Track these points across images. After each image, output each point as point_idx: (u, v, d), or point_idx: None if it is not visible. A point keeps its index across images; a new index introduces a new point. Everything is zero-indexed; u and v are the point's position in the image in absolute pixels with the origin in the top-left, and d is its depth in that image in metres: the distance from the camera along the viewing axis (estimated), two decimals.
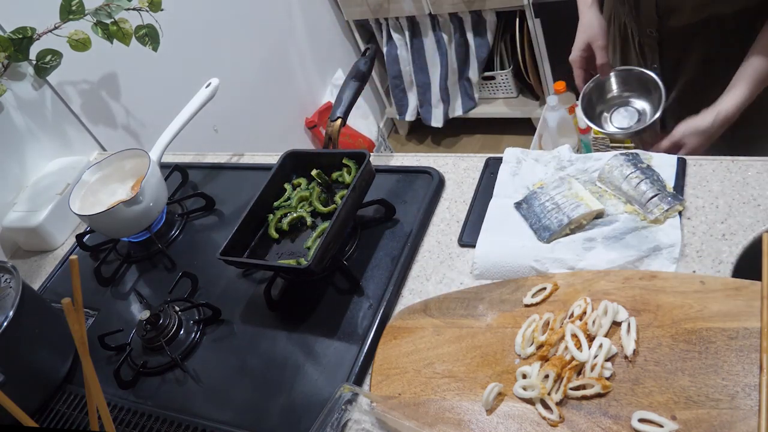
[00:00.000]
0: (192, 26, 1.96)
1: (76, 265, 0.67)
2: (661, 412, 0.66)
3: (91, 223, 1.22)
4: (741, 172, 0.90)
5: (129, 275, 1.22)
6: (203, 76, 1.38)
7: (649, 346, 0.72)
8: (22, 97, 1.45)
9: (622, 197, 0.92)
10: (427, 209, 1.05)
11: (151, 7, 1.44)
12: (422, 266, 0.99)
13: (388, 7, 2.51)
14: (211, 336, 1.03)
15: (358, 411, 0.81)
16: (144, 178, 1.18)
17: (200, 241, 1.23)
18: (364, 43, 2.77)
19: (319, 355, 0.93)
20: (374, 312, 0.94)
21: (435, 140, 2.95)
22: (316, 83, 2.60)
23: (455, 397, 0.78)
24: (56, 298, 1.21)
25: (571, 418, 0.70)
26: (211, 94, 1.32)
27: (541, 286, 0.84)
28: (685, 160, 0.94)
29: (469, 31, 2.49)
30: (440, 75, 2.63)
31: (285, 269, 1.00)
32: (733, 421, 0.63)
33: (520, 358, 0.78)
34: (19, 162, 1.45)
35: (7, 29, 1.38)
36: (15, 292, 0.99)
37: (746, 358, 0.66)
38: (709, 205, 0.88)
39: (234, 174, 1.35)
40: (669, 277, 0.78)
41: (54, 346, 1.06)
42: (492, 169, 1.07)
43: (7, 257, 1.42)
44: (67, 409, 1.02)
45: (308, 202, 1.09)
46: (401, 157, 1.20)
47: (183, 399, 0.96)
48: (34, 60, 1.41)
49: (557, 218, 0.91)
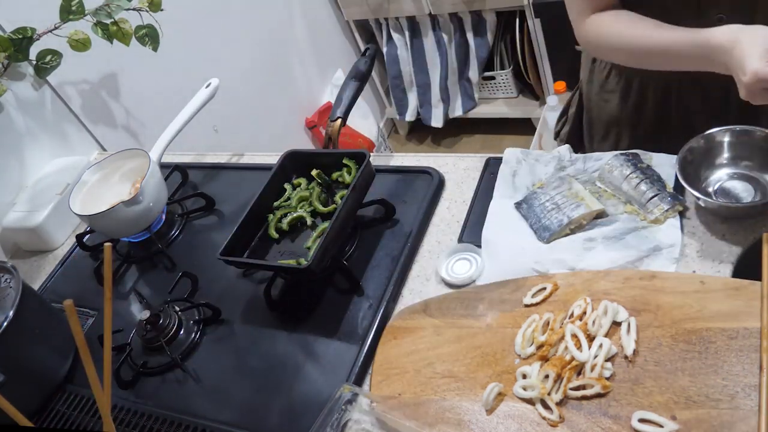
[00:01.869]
0: (192, 26, 1.95)
1: (73, 311, 0.66)
2: (661, 412, 0.66)
3: (91, 223, 1.22)
4: None
5: (129, 275, 1.22)
6: (203, 76, 1.38)
7: (649, 346, 0.72)
8: (22, 97, 1.44)
9: (622, 197, 0.92)
10: (427, 209, 1.05)
11: (151, 7, 1.44)
12: (422, 266, 0.99)
13: (388, 7, 2.51)
14: (211, 336, 1.03)
15: (358, 411, 0.81)
16: (144, 178, 1.18)
17: (200, 241, 1.23)
18: (364, 43, 2.77)
19: (319, 355, 0.93)
20: (374, 312, 0.94)
21: (435, 140, 2.95)
22: (316, 83, 2.60)
23: (455, 397, 0.78)
24: (56, 298, 1.21)
25: (571, 418, 0.70)
26: (211, 94, 1.32)
27: (541, 286, 0.84)
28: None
29: (469, 31, 2.49)
30: (440, 75, 2.63)
31: (285, 269, 1.00)
32: (733, 421, 0.63)
33: (520, 358, 0.78)
34: (19, 162, 1.45)
35: (7, 29, 1.37)
36: (15, 292, 0.99)
37: (746, 358, 0.66)
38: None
39: (234, 174, 1.35)
40: (669, 277, 0.78)
41: (54, 346, 1.05)
42: (492, 169, 1.07)
43: (7, 257, 1.42)
44: (67, 409, 1.02)
45: (308, 202, 1.09)
46: (401, 157, 1.20)
47: (183, 399, 0.96)
48: (34, 60, 1.41)
49: (557, 218, 0.91)
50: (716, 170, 0.90)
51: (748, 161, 0.88)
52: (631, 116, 1.08)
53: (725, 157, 0.89)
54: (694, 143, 0.88)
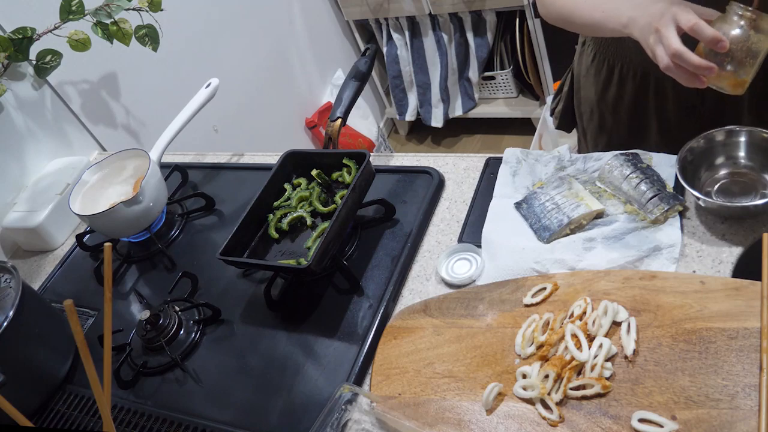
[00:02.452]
0: (192, 26, 1.96)
1: (73, 311, 0.66)
2: (661, 412, 0.66)
3: (91, 223, 1.22)
4: None
5: (129, 275, 1.22)
6: (203, 76, 1.38)
7: (649, 346, 0.72)
8: (22, 97, 1.45)
9: (622, 197, 0.92)
10: (427, 209, 1.05)
11: (151, 7, 1.44)
12: (422, 266, 0.99)
13: (388, 7, 2.51)
14: (211, 336, 1.03)
15: (358, 411, 0.81)
16: (144, 178, 1.18)
17: (200, 241, 1.23)
18: (364, 43, 2.77)
19: (319, 355, 0.93)
20: (374, 312, 0.94)
21: (435, 140, 2.95)
22: (316, 83, 2.60)
23: (455, 397, 0.78)
24: (56, 298, 1.21)
25: (571, 418, 0.70)
26: (211, 94, 1.32)
27: (541, 286, 0.84)
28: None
29: (469, 31, 2.49)
30: (440, 75, 2.63)
31: (285, 269, 1.00)
32: (733, 421, 0.63)
33: (520, 358, 0.78)
34: (19, 162, 1.45)
35: (7, 29, 1.38)
36: (15, 292, 0.99)
37: (746, 358, 0.66)
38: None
39: (234, 174, 1.35)
40: (669, 277, 0.78)
41: (54, 346, 1.05)
42: (492, 169, 1.07)
43: (7, 257, 1.42)
44: (67, 409, 1.02)
45: (308, 202, 1.09)
46: (401, 157, 1.20)
47: (183, 399, 0.96)
48: (34, 60, 1.41)
49: (557, 218, 0.91)
50: (716, 170, 0.90)
51: (748, 161, 0.88)
52: (612, 100, 1.10)
53: (725, 157, 0.90)
54: (694, 143, 0.88)
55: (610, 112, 1.12)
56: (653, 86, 1.04)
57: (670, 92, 1.02)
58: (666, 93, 1.03)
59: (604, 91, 1.10)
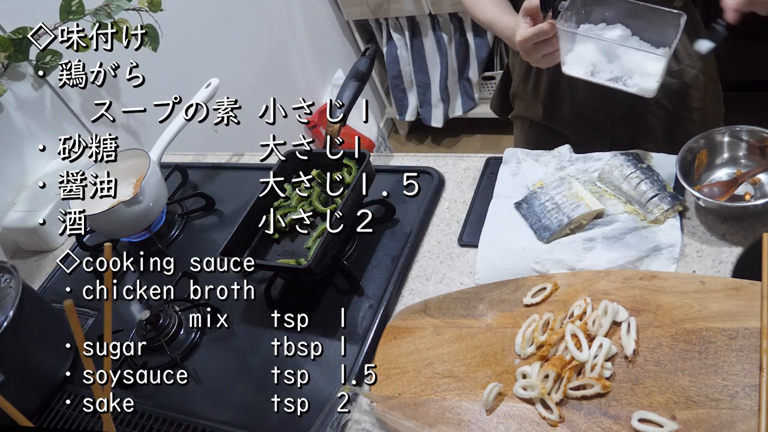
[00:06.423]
0: (192, 26, 1.95)
1: (73, 311, 0.67)
2: (661, 412, 0.66)
3: (91, 223, 1.22)
4: None
5: (129, 275, 1.22)
6: (203, 76, 1.37)
7: (649, 346, 0.72)
8: (22, 97, 1.44)
9: (622, 197, 0.92)
10: (427, 209, 1.05)
11: (151, 7, 1.44)
12: (422, 266, 0.99)
13: (388, 7, 2.51)
14: (211, 336, 1.03)
15: (358, 411, 0.81)
16: (144, 178, 1.18)
17: (200, 241, 1.23)
18: (364, 43, 2.77)
19: (319, 355, 0.93)
20: (374, 312, 0.94)
21: (435, 140, 2.95)
22: (316, 83, 2.60)
23: (455, 397, 0.78)
24: (56, 298, 1.21)
25: (571, 418, 0.70)
26: (211, 94, 1.32)
27: (541, 286, 0.84)
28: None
29: (469, 31, 2.49)
30: (440, 75, 2.63)
31: (285, 269, 1.00)
32: (733, 421, 0.63)
33: (520, 358, 0.78)
34: (19, 162, 1.45)
35: (7, 29, 1.37)
36: (15, 292, 0.99)
37: (746, 358, 0.66)
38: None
39: (234, 174, 1.35)
40: (669, 277, 0.78)
41: (54, 346, 1.05)
42: (492, 169, 1.07)
43: (7, 257, 1.42)
44: (67, 409, 1.02)
45: (308, 202, 1.09)
46: (401, 157, 1.20)
47: (183, 399, 0.96)
48: (34, 60, 1.41)
49: (557, 218, 0.91)
50: (716, 170, 0.90)
51: (748, 161, 0.89)
52: (531, 90, 1.18)
53: (725, 157, 0.90)
54: (693, 143, 0.89)
55: (532, 101, 1.20)
56: (565, 79, 1.09)
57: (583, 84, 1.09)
58: (578, 86, 1.10)
59: (525, 80, 1.19)
